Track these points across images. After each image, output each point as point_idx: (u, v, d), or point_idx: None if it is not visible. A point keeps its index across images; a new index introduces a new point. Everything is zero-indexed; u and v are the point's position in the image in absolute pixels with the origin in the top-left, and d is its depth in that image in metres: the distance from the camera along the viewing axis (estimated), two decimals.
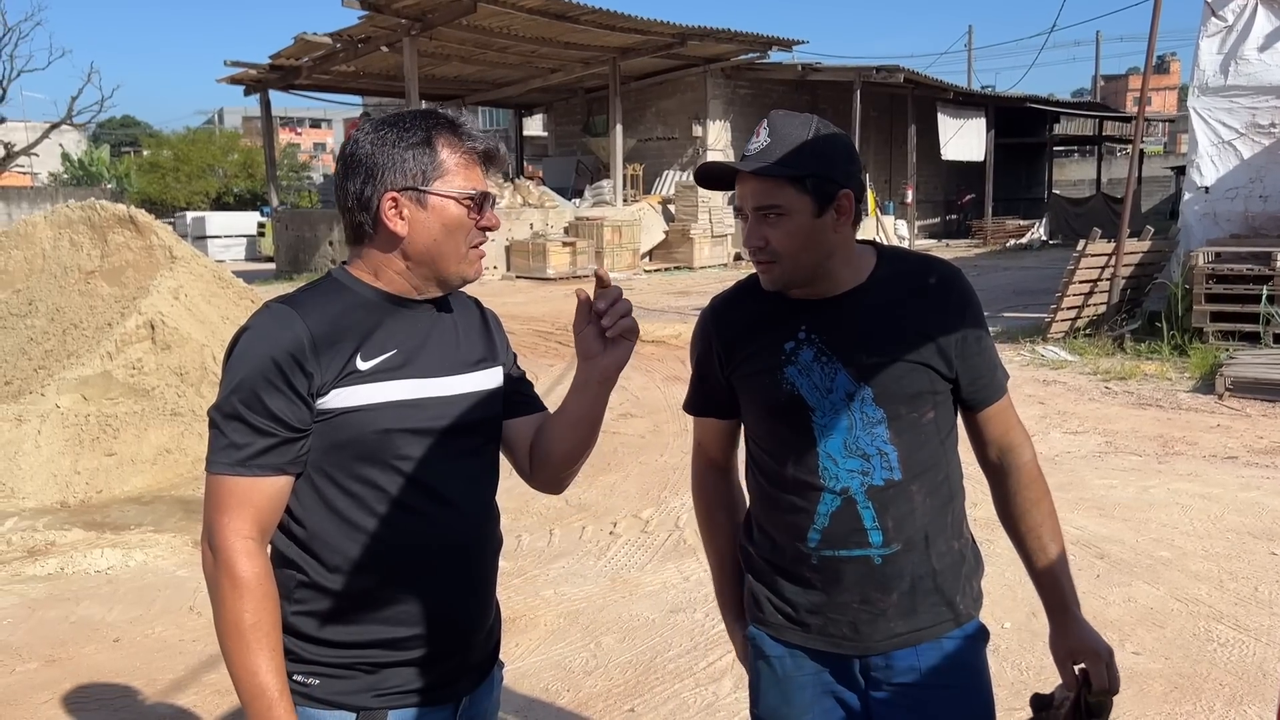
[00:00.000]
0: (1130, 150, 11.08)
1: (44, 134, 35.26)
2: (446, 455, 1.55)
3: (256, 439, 1.43)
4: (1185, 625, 3.79)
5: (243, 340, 1.48)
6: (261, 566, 1.43)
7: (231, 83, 21.73)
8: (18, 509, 5.48)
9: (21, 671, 3.63)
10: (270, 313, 1.50)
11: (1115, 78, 67.05)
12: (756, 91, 24.10)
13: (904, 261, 1.72)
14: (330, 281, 1.58)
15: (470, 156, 1.54)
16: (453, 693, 1.60)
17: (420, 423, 1.53)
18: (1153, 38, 9.93)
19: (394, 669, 1.53)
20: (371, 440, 1.49)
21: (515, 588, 4.29)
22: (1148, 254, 10.53)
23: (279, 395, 1.43)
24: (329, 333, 1.48)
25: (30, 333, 6.86)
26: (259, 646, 1.40)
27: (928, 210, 28.32)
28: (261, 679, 1.39)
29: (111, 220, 7.26)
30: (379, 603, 1.51)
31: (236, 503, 1.43)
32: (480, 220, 1.56)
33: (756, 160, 1.57)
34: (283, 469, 1.45)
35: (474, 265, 1.59)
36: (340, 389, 1.47)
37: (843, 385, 1.63)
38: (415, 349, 1.55)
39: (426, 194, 1.51)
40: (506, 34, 18.78)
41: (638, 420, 7.35)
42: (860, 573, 1.65)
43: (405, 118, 1.55)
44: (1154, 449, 6.27)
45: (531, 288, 17.30)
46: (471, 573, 1.60)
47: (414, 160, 1.51)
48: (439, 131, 1.53)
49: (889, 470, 1.63)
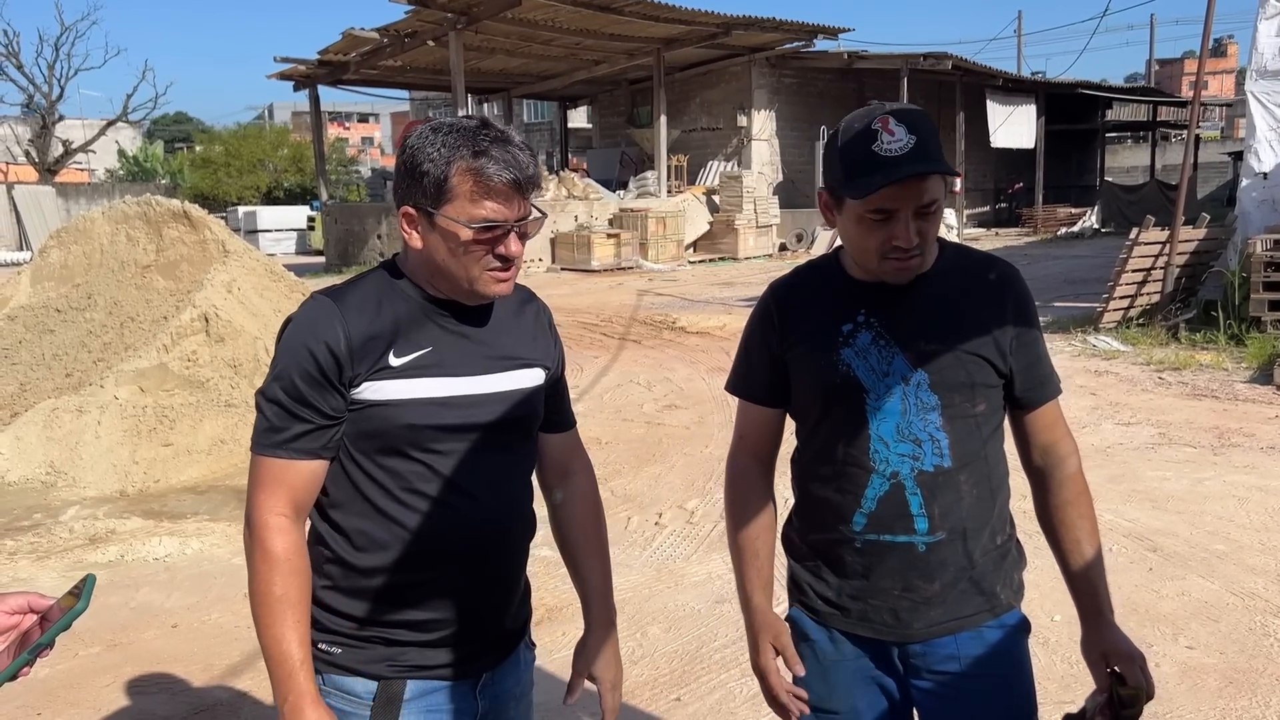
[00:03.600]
0: (1186, 135, 10.83)
1: (100, 131, 36.10)
2: (473, 451, 1.59)
3: (293, 424, 1.51)
4: (1241, 620, 3.72)
5: (288, 331, 1.55)
6: (293, 542, 1.51)
7: (281, 79, 22.02)
8: (79, 498, 5.63)
9: (84, 656, 3.73)
10: (314, 304, 1.57)
11: (1170, 61, 65.59)
12: (801, 80, 23.92)
13: (967, 256, 1.74)
14: (377, 275, 1.63)
15: (487, 184, 1.49)
16: (472, 669, 1.65)
17: (447, 419, 1.56)
18: (1209, 20, 9.70)
19: (413, 647, 1.59)
20: (397, 433, 1.54)
21: (561, 577, 4.31)
22: (1203, 241, 10.31)
23: (315, 384, 1.51)
24: (366, 327, 1.53)
25: (89, 326, 7.03)
26: (284, 617, 1.48)
27: (977, 199, 27.94)
28: (285, 647, 1.47)
29: (166, 215, 7.42)
30: (399, 585, 1.57)
31: (273, 481, 1.52)
32: (493, 249, 1.53)
33: (923, 160, 1.54)
34: (317, 453, 1.53)
35: (493, 286, 1.57)
36: (372, 382, 1.52)
37: (899, 369, 1.63)
38: (449, 348, 1.58)
39: (434, 216, 1.52)
40: (551, 26, 18.82)
41: (683, 411, 7.36)
42: (904, 559, 1.65)
43: (444, 129, 1.52)
44: (1209, 440, 6.15)
45: (576, 279, 17.35)
46: (493, 562, 1.64)
47: (430, 179, 1.50)
48: (460, 152, 1.49)
49: (940, 457, 1.64)
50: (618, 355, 9.68)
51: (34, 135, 34.65)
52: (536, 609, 3.95)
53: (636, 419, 7.22)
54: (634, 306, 13.33)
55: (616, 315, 12.51)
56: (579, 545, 1.85)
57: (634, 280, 16.82)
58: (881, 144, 1.53)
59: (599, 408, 7.63)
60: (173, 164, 44.43)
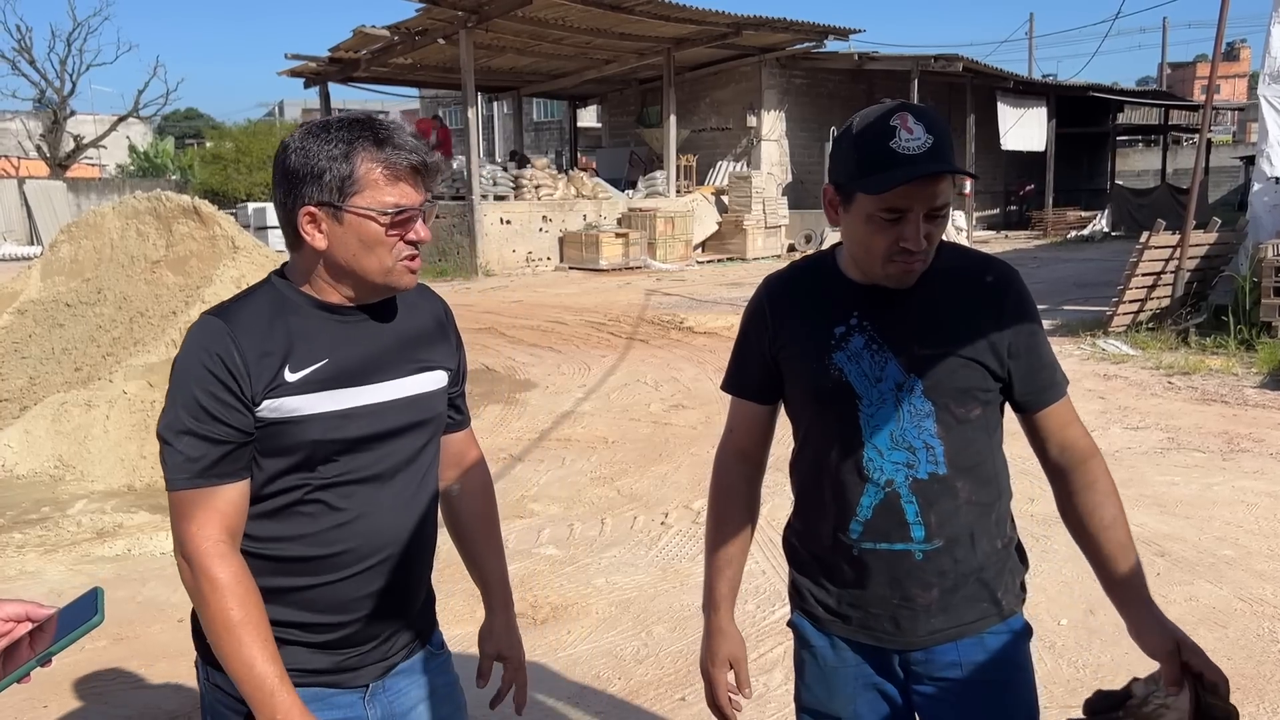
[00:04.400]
0: (1197, 139, 10.77)
1: (111, 127, 36.24)
2: (375, 463, 1.57)
3: (210, 449, 1.47)
4: (1249, 626, 3.70)
5: (179, 360, 1.50)
6: (236, 566, 1.47)
7: (292, 75, 22.06)
8: (87, 491, 5.65)
9: (91, 649, 3.74)
10: (202, 326, 1.51)
11: (1182, 65, 65.30)
12: (812, 81, 23.88)
13: (963, 258, 1.69)
14: (266, 288, 1.58)
15: (394, 170, 1.48)
16: (357, 678, 1.63)
17: (350, 432, 1.54)
18: (1222, 24, 9.66)
19: (293, 648, 1.56)
20: (300, 449, 1.51)
21: (567, 575, 4.33)
22: (1214, 246, 10.26)
23: (223, 404, 1.46)
24: (257, 343, 1.49)
25: (99, 320, 7.05)
26: (250, 639, 1.43)
27: (986, 201, 27.86)
28: (258, 669, 1.43)
29: (176, 211, 7.43)
30: (288, 590, 1.55)
31: (201, 511, 1.47)
32: (404, 235, 1.51)
33: (940, 160, 1.51)
34: (239, 474, 1.50)
35: (404, 277, 1.54)
36: (270, 400, 1.48)
37: (893, 375, 1.61)
38: (348, 357, 1.54)
39: (342, 210, 1.48)
40: (562, 25, 18.82)
41: (689, 411, 7.36)
42: (901, 567, 1.63)
43: (333, 125, 1.50)
44: (1218, 445, 6.12)
45: (584, 278, 17.35)
46: (391, 574, 1.61)
47: (331, 174, 1.46)
48: (361, 143, 1.47)
49: (934, 464, 1.61)
50: (625, 355, 9.67)
51: (46, 130, 34.77)
52: (541, 607, 3.98)
53: (643, 418, 7.22)
54: (642, 306, 13.32)
55: (624, 315, 12.51)
56: (474, 536, 1.89)
57: (642, 280, 16.81)
58: (900, 141, 1.49)
59: (606, 407, 7.63)
60: (183, 160, 44.56)
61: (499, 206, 18.72)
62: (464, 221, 18.36)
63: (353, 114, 1.52)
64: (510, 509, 5.23)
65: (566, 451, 6.37)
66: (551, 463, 6.10)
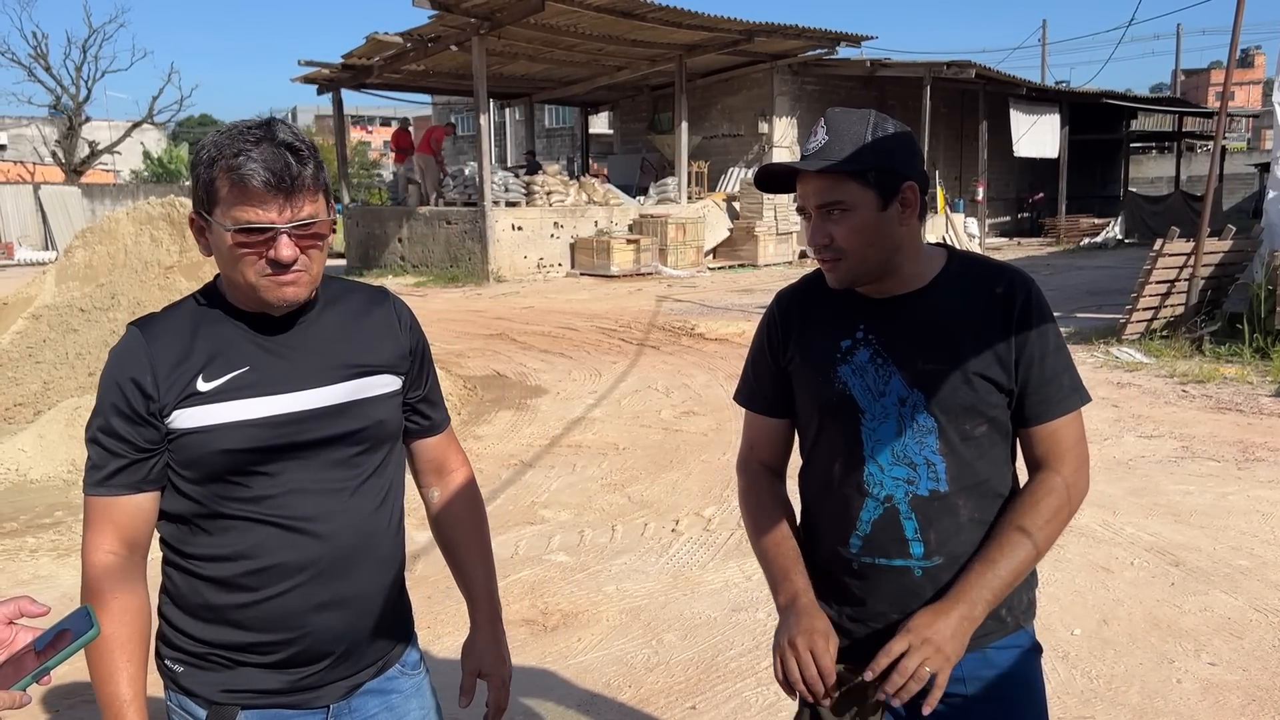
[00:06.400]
0: (1211, 146, 10.72)
1: (126, 132, 36.45)
2: (303, 469, 1.52)
3: (111, 460, 1.48)
4: (1264, 636, 3.67)
5: (105, 367, 1.52)
6: (121, 580, 1.47)
7: (305, 82, 22.15)
8: None
9: None
10: (125, 337, 1.52)
11: (1196, 72, 65.13)
12: (824, 88, 23.88)
13: (974, 266, 1.66)
14: (194, 298, 1.57)
15: (245, 186, 1.40)
16: (318, 698, 1.58)
17: (267, 440, 1.49)
18: (1236, 30, 9.62)
19: (246, 669, 1.54)
20: (214, 460, 1.48)
21: (578, 582, 4.32)
22: (1229, 253, 10.21)
23: (126, 420, 1.47)
24: (174, 354, 1.48)
25: (113, 325, 7.09)
26: (113, 656, 1.45)
27: (999, 208, 27.79)
28: (111, 688, 1.45)
29: (190, 217, 7.48)
30: (228, 608, 1.52)
31: (99, 520, 1.49)
32: (264, 253, 1.43)
33: (818, 158, 1.54)
34: (139, 487, 1.49)
35: (275, 291, 1.46)
36: (181, 410, 1.47)
37: (896, 390, 1.59)
38: (270, 365, 1.51)
39: (210, 220, 1.46)
40: (574, 32, 18.87)
41: (700, 418, 7.35)
42: (900, 584, 1.61)
43: (229, 131, 1.44)
44: (1233, 454, 6.08)
45: (595, 285, 17.37)
46: (332, 585, 1.55)
47: (200, 181, 1.45)
48: (227, 154, 1.41)
49: (935, 481, 1.59)
50: (636, 361, 9.67)
51: (61, 136, 35.02)
52: (551, 613, 3.97)
53: (654, 425, 7.21)
54: (653, 312, 13.32)
55: (635, 321, 12.51)
56: (459, 544, 1.81)
57: (653, 286, 16.82)
58: (808, 141, 1.58)
59: (617, 413, 7.62)
60: None
61: (510, 212, 18.77)
62: (475, 227, 18.41)
63: (251, 121, 1.46)
64: (521, 515, 5.23)
65: (577, 458, 6.37)
66: (562, 469, 6.09)
